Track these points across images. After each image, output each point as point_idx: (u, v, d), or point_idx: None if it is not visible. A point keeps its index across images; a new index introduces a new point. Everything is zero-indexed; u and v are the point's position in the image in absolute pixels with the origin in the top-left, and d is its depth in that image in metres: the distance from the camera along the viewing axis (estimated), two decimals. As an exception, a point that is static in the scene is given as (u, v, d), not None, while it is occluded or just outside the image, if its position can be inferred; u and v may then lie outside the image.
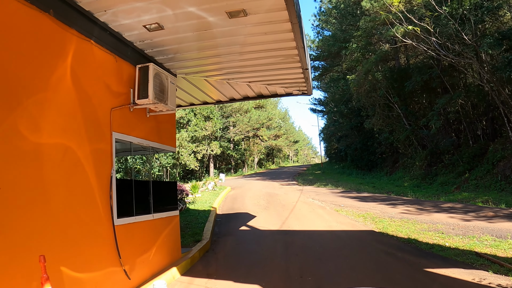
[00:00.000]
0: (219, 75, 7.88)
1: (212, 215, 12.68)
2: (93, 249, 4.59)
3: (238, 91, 9.22)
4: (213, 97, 9.74)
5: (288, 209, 13.95)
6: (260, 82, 8.47)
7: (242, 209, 14.72)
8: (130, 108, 5.86)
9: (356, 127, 34.73)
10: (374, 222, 10.66)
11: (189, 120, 39.99)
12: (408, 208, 12.83)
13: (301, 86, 8.73)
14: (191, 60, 6.87)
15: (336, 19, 31.21)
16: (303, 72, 7.56)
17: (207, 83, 8.46)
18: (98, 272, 4.62)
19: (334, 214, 12.45)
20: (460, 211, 11.69)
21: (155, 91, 5.82)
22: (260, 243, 8.79)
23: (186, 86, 8.55)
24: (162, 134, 7.03)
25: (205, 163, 45.78)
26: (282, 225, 10.96)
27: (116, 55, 5.57)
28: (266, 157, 67.32)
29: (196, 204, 15.65)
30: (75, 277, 4.16)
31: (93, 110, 4.90)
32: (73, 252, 4.19)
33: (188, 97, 9.52)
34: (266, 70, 7.55)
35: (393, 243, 8.24)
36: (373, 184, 23.97)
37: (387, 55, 24.41)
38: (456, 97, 18.93)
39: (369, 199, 15.90)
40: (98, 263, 4.65)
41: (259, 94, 9.63)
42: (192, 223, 11.25)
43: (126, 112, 5.76)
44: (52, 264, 3.62)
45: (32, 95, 3.84)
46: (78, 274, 4.21)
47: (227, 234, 10.07)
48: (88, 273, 4.41)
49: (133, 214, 5.75)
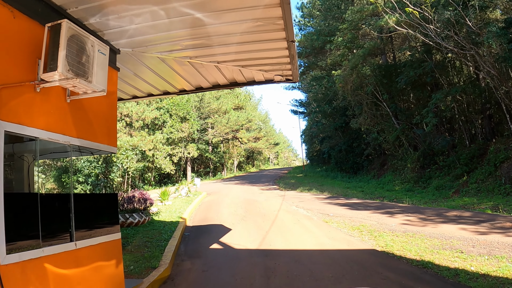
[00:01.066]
0: (177, 51, 5.90)
1: (179, 229, 10.67)
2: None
3: (206, 77, 7.25)
4: (176, 85, 7.74)
5: (269, 220, 12.03)
6: (232, 63, 6.53)
7: (216, 219, 12.73)
8: (35, 87, 3.86)
9: (340, 127, 33.00)
10: (373, 237, 8.80)
11: (164, 121, 38.06)
12: (409, 217, 11.04)
13: (284, 69, 6.81)
14: (135, 25, 4.90)
15: (320, 11, 29.53)
16: (288, 46, 5.66)
17: (165, 65, 6.48)
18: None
19: (324, 227, 10.56)
20: (471, 220, 9.96)
21: (70, 61, 3.84)
22: (233, 270, 6.81)
23: (138, 68, 6.56)
24: (93, 128, 4.97)
25: (182, 167, 43.82)
26: (262, 241, 9.00)
27: (14, 7, 3.60)
28: (246, 160, 65.84)
29: (163, 214, 13.58)
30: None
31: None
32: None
33: (143, 84, 7.50)
34: (240, 43, 5.62)
35: (405, 269, 6.39)
36: (361, 188, 22.22)
37: (377, 48, 22.74)
38: (454, 92, 17.35)
39: (360, 206, 14.07)
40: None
41: (232, 81, 7.67)
42: (153, 240, 9.20)
43: (28, 93, 3.77)
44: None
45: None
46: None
47: (194, 256, 8.06)
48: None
49: (39, 245, 3.75)
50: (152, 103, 37.03)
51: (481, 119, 19.29)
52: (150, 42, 5.53)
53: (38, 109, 3.91)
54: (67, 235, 4.33)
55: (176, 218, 12.60)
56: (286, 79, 7.34)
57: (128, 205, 11.69)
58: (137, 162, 35.73)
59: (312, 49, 30.12)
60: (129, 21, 4.73)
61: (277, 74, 7.10)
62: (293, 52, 5.89)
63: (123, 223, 10.83)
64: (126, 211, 11.62)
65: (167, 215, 13.28)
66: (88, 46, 4.17)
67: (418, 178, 19.94)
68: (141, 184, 37.65)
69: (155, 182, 40.03)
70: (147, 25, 4.90)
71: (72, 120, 4.50)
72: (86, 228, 4.71)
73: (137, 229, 10.69)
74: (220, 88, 7.95)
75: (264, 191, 23.32)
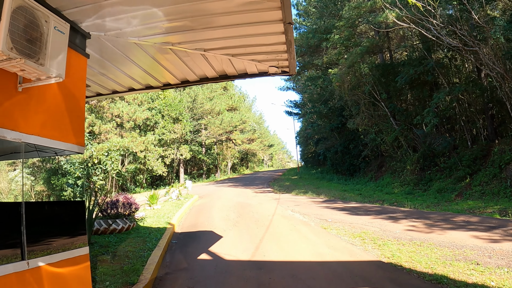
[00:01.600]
0: (156, 35, 5.08)
1: (166, 236, 9.84)
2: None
3: (192, 68, 6.44)
4: (159, 78, 6.91)
5: (263, 226, 11.23)
6: (221, 51, 5.72)
7: (207, 225, 11.92)
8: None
9: (336, 128, 32.23)
10: (377, 246, 8.03)
11: (156, 122, 37.27)
12: (414, 223, 10.28)
13: (280, 58, 6.01)
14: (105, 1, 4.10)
15: (316, 8, 28.78)
16: (285, 30, 4.88)
17: (145, 54, 5.67)
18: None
19: (322, 234, 9.76)
20: (481, 226, 9.23)
21: (15, 38, 3.06)
22: (222, 287, 6.01)
23: (115, 58, 5.73)
24: (54, 123, 4.12)
25: (174, 169, 43.03)
26: (255, 251, 8.19)
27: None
28: (240, 161, 65.14)
29: (150, 219, 12.72)
30: None
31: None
32: None
33: (123, 77, 6.65)
34: (228, 26, 4.82)
35: (417, 285, 5.61)
36: (358, 191, 21.44)
37: (375, 46, 21.98)
38: (457, 91, 16.63)
39: (360, 211, 13.30)
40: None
41: (222, 74, 6.85)
42: (136, 250, 8.36)
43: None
44: None
45: None
46: None
47: (180, 269, 7.22)
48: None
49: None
50: (143, 103, 36.21)
51: (483, 119, 18.60)
52: (124, 25, 4.72)
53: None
54: (17, 252, 3.52)
55: (164, 224, 11.77)
56: (282, 71, 6.53)
57: (111, 210, 10.85)
58: (129, 164, 34.92)
59: (308, 47, 29.36)
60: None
61: (272, 65, 6.30)
62: (291, 38, 5.10)
63: (105, 229, 10.01)
64: (109, 216, 10.79)
65: (154, 221, 12.44)
66: (40, 22, 3.38)
67: (418, 181, 19.21)
68: (132, 187, 36.84)
69: (147, 184, 39.28)
70: (119, 1, 4.10)
71: (25, 113, 3.68)
72: (43, 243, 3.89)
73: (121, 236, 9.85)
74: (209, 81, 7.12)
75: (258, 194, 22.52)
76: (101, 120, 33.25)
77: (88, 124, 32.27)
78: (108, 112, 33.38)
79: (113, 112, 33.41)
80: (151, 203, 16.03)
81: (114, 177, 29.52)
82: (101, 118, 33.47)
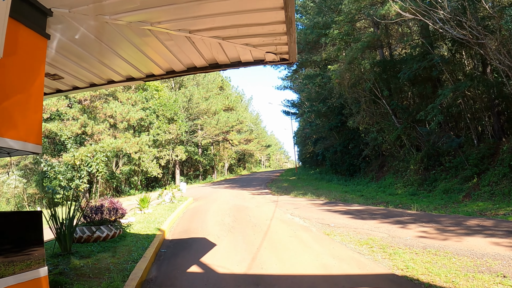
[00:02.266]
0: (130, 12, 4.25)
1: (154, 244, 8.99)
2: None
3: (178, 55, 5.60)
4: (140, 68, 6.07)
5: (261, 232, 10.39)
6: (209, 32, 4.88)
7: (200, 231, 11.08)
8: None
9: (336, 127, 31.37)
10: (387, 256, 7.19)
11: (151, 122, 36.42)
12: (424, 228, 9.45)
13: (279, 43, 5.19)
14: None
15: (314, 2, 27.98)
16: (284, 4, 4.06)
17: (121, 38, 4.85)
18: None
19: (325, 241, 8.91)
20: (499, 231, 8.42)
21: None
22: (213, 308, 5.17)
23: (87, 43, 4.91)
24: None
25: (170, 170, 42.19)
26: (251, 263, 7.34)
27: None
28: (237, 162, 64.43)
29: (139, 225, 11.87)
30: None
31: None
32: None
33: (100, 67, 5.81)
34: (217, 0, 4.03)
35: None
36: (360, 192, 20.58)
37: (376, 40, 21.16)
38: (464, 87, 15.83)
39: (364, 214, 12.46)
40: None
41: (213, 63, 6.01)
42: (119, 262, 7.49)
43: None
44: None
45: None
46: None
47: (166, 285, 6.36)
48: None
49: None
50: (137, 103, 35.36)
51: (489, 116, 17.81)
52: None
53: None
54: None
55: (153, 231, 10.90)
56: (280, 59, 5.71)
57: (95, 216, 9.98)
58: (123, 166, 34.09)
59: (306, 44, 28.55)
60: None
61: (269, 51, 5.48)
62: (291, 14, 4.28)
63: (89, 237, 9.16)
64: (93, 223, 9.92)
65: (143, 227, 11.59)
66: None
67: (423, 181, 18.40)
68: (127, 189, 36.05)
69: (142, 186, 38.45)
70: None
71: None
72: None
73: (105, 244, 8.98)
74: (198, 71, 6.28)
75: (255, 196, 21.67)
76: (94, 121, 32.41)
77: (80, 125, 31.44)
78: (101, 113, 32.56)
79: (106, 113, 32.58)
80: (142, 207, 15.17)
81: (100, 180, 28.59)
82: (94, 119, 32.63)
